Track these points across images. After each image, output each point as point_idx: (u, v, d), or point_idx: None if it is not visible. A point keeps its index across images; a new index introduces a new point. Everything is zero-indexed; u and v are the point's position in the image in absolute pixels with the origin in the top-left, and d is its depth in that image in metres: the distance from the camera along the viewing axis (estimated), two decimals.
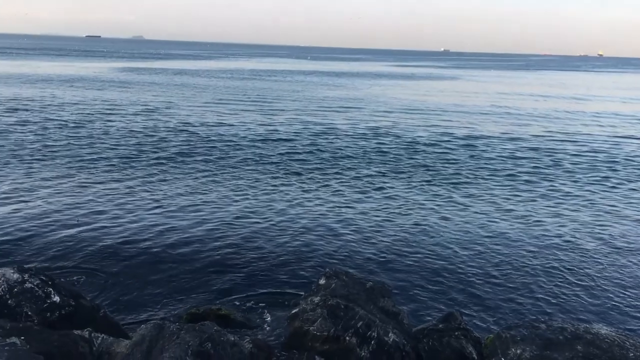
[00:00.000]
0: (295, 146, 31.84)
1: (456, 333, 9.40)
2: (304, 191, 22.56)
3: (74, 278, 13.59)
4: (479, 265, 15.61)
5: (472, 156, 31.06)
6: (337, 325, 8.37)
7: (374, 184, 24.13)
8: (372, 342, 8.28)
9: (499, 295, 13.85)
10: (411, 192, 23.07)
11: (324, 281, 9.68)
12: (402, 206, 20.95)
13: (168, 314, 12.10)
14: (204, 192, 21.74)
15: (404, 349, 8.50)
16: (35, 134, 31.58)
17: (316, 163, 27.82)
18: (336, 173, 25.87)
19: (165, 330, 7.92)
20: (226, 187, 22.54)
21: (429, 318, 11.91)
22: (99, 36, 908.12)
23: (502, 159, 30.55)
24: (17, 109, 41.10)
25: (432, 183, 24.68)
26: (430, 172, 26.72)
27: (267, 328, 11.84)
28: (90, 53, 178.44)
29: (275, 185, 23.34)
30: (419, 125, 42.13)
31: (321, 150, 30.84)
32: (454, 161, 29.62)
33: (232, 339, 8.34)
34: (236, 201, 20.73)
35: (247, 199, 21.08)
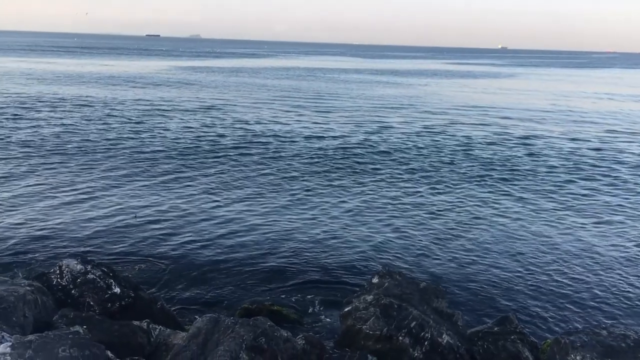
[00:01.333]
0: (350, 142, 31.81)
1: (512, 337, 9.18)
2: (358, 185, 22.56)
3: (133, 269, 14.01)
4: (536, 268, 15.18)
5: (530, 155, 30.23)
6: (390, 325, 8.31)
7: (429, 182, 23.83)
8: (426, 342, 8.19)
9: (556, 300, 13.44)
10: (467, 190, 22.65)
11: (377, 280, 9.63)
12: (457, 206, 20.61)
13: (222, 308, 12.30)
14: (260, 186, 22.04)
15: (458, 351, 8.37)
16: (98, 130, 32.70)
17: (371, 160, 27.70)
18: (390, 170, 25.68)
19: (221, 323, 8.05)
20: (282, 181, 22.76)
21: (484, 321, 11.69)
22: (159, 35, 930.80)
23: (563, 158, 29.59)
24: (82, 106, 42.76)
25: (488, 182, 24.17)
26: (486, 171, 26.15)
27: (320, 325, 11.88)
28: (151, 52, 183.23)
29: (330, 180, 23.50)
30: (476, 124, 41.38)
31: (376, 148, 30.69)
32: (509, 158, 28.90)
33: (285, 334, 8.40)
34: (292, 195, 20.92)
35: (302, 193, 21.21)
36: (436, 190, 22.49)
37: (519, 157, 29.75)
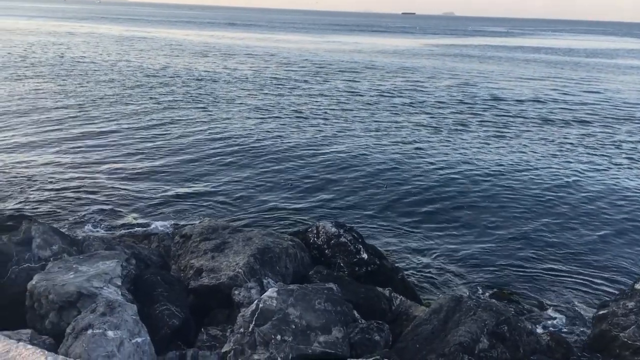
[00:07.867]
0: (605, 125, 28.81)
1: None
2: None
3: (377, 237, 14.60)
4: None
5: None
6: None
7: None
8: None
9: None
10: None
11: None
12: None
13: (457, 289, 12.21)
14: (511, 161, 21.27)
15: None
16: (364, 102, 34.56)
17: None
18: None
19: (463, 304, 8.02)
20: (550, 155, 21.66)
21: None
22: (414, 13, 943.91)
23: None
24: (353, 80, 45.66)
25: None
26: None
27: (565, 323, 11.12)
28: (407, 29, 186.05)
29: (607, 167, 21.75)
30: None
31: None
32: None
33: (530, 327, 8.06)
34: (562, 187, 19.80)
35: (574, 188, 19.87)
36: None
37: None
